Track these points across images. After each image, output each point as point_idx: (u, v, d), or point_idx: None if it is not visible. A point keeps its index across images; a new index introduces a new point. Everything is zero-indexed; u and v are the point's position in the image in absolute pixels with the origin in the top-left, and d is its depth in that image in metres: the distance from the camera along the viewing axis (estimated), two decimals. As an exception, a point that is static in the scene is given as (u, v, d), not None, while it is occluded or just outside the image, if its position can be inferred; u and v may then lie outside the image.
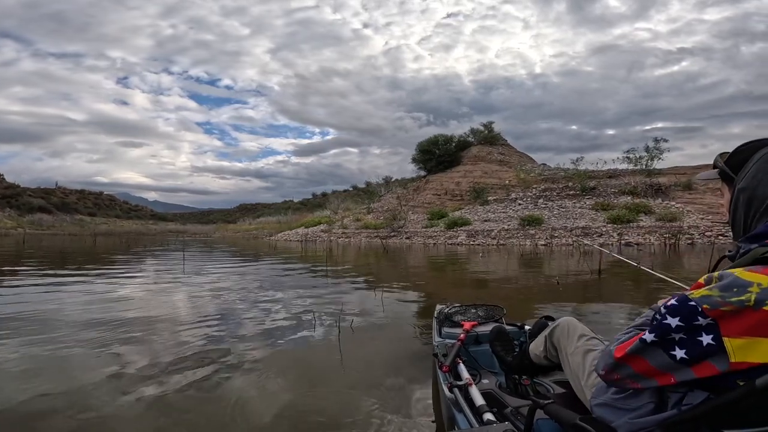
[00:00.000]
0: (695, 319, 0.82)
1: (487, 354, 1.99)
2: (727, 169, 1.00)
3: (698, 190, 22.62)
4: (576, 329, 1.43)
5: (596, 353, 1.27)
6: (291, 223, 39.12)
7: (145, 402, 2.17)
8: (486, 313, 2.40)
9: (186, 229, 65.77)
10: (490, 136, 35.67)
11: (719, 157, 1.04)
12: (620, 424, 0.98)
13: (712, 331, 0.81)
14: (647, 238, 17.62)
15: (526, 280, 7.65)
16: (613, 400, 1.04)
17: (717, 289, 0.82)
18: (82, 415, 2.01)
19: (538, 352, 1.58)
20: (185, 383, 2.42)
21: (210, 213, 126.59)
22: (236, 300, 5.34)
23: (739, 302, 0.79)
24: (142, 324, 3.85)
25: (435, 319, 2.48)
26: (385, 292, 5.77)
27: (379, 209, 32.63)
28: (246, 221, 58.56)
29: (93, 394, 2.24)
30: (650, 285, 6.05)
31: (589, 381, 1.22)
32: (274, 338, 3.47)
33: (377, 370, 2.73)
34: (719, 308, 0.80)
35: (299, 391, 2.37)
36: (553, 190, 26.16)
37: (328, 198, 50.83)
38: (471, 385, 1.50)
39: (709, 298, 0.82)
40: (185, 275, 8.10)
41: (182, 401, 2.20)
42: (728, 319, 0.80)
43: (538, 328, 1.78)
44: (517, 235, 20.22)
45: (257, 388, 2.41)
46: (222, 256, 14.84)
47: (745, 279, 0.81)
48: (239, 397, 2.25)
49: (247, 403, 2.19)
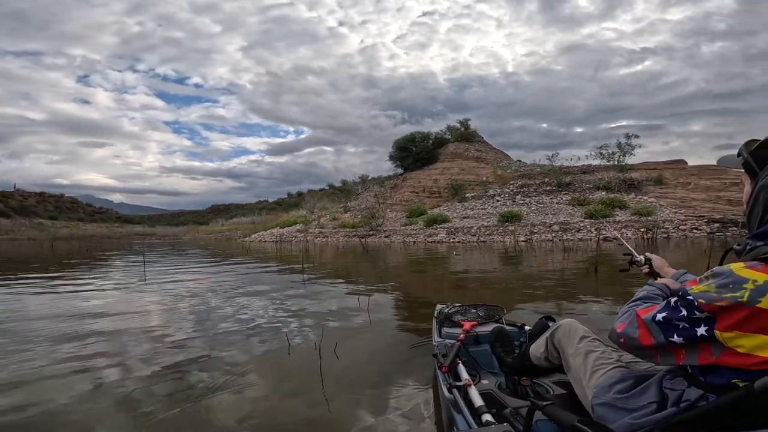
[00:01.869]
0: (693, 312, 0.87)
1: (487, 354, 1.98)
2: (752, 161, 0.96)
3: (669, 184, 23.18)
4: (577, 331, 1.44)
5: (598, 354, 1.30)
6: (265, 224, 38.02)
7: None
8: (486, 313, 2.37)
9: (154, 231, 63.13)
10: (466, 133, 35.66)
11: (744, 147, 0.98)
12: (620, 425, 1.00)
13: (708, 324, 0.86)
14: (624, 233, 17.78)
15: (525, 279, 7.27)
16: (615, 399, 1.07)
17: (714, 285, 0.86)
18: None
19: (539, 354, 1.59)
20: (152, 393, 2.32)
21: (180, 214, 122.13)
22: (202, 306, 4.91)
23: (732, 298, 0.82)
24: (79, 339, 3.48)
25: (435, 318, 2.46)
26: (367, 294, 5.45)
27: (356, 208, 32.05)
28: (218, 222, 56.76)
29: (59, 411, 2.12)
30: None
31: (591, 382, 1.23)
32: (247, 346, 3.23)
33: (364, 371, 2.64)
34: (714, 303, 0.84)
35: (283, 395, 2.29)
36: (530, 186, 26.28)
37: (304, 197, 49.68)
38: (470, 386, 1.49)
39: (705, 294, 0.86)
40: (144, 282, 7.32)
41: (153, 410, 2.09)
42: (723, 314, 0.83)
43: (538, 329, 1.83)
44: (497, 232, 20.07)
45: (236, 397, 2.27)
46: (190, 259, 14.01)
47: (742, 276, 0.83)
48: (213, 407, 2.13)
49: (225, 413, 2.07)
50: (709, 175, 22.74)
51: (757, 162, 0.95)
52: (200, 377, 2.57)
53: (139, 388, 2.39)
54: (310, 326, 3.85)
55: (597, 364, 1.27)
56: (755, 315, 0.80)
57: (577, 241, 16.67)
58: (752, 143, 0.97)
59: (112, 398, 2.27)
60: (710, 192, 20.99)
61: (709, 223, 17.69)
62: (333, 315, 4.37)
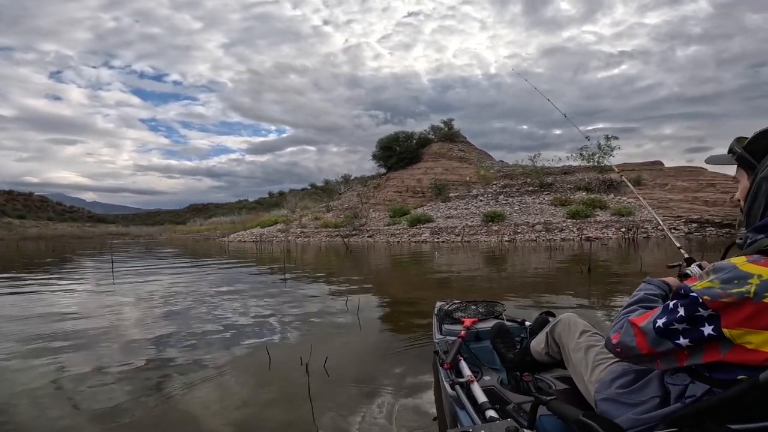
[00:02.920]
0: (696, 310, 0.84)
1: (488, 351, 1.99)
2: (747, 155, 0.96)
3: (647, 185, 23.63)
4: (577, 325, 1.43)
5: (598, 348, 1.29)
6: (245, 223, 37.15)
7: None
8: (486, 309, 2.36)
9: (128, 231, 61.02)
10: (450, 133, 35.65)
11: (737, 142, 0.99)
12: (624, 420, 0.99)
13: (713, 322, 0.82)
14: (605, 233, 17.98)
15: (520, 280, 7.08)
16: (617, 394, 1.06)
17: (718, 281, 0.83)
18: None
19: (539, 349, 1.59)
20: (107, 397, 2.23)
21: (157, 214, 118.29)
22: (170, 308, 4.59)
23: (739, 294, 0.79)
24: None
25: (435, 316, 2.45)
26: (353, 294, 5.32)
27: (338, 207, 31.62)
28: (197, 222, 55.22)
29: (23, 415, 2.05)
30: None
31: (592, 376, 1.23)
32: (218, 351, 3.04)
33: (359, 372, 2.56)
34: (720, 300, 0.81)
35: (268, 399, 2.21)
36: (513, 186, 26.42)
37: (285, 197, 48.82)
38: (473, 382, 1.48)
39: (710, 290, 0.83)
40: (112, 283, 6.80)
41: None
42: (729, 310, 0.81)
43: (539, 324, 1.83)
44: (481, 232, 20.03)
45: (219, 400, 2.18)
46: (164, 259, 13.40)
47: (746, 270, 0.81)
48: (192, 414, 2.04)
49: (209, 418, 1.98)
50: (686, 177, 23.31)
51: (753, 155, 0.95)
52: (162, 384, 2.41)
53: (92, 391, 2.31)
54: (294, 328, 3.68)
55: (598, 359, 1.27)
56: (763, 310, 0.78)
57: (560, 241, 16.75)
58: (743, 139, 0.98)
59: (75, 402, 2.20)
60: (687, 193, 21.49)
61: (687, 223, 18.07)
62: (318, 317, 4.15)
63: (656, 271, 6.58)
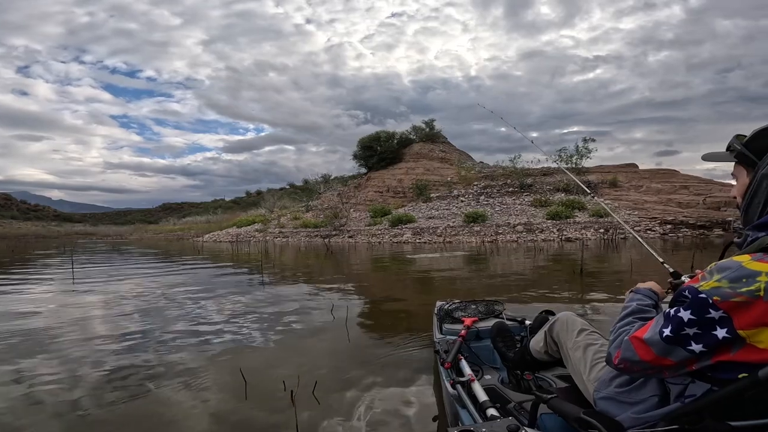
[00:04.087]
0: (707, 311, 0.81)
1: (488, 350, 1.99)
2: (748, 152, 0.95)
3: (623, 187, 24.14)
4: (575, 324, 1.43)
5: (597, 347, 1.29)
6: (221, 223, 36.10)
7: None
8: (486, 308, 2.37)
9: (96, 230, 58.43)
10: (431, 134, 35.64)
11: (736, 139, 0.98)
12: (624, 418, 0.98)
13: (725, 325, 0.80)
14: (584, 234, 18.18)
15: (513, 282, 6.86)
16: (616, 393, 1.05)
17: (726, 280, 0.81)
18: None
19: (538, 348, 1.59)
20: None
21: (127, 213, 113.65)
22: (131, 312, 4.29)
23: (749, 293, 0.78)
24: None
25: (435, 315, 2.46)
26: (337, 296, 5.14)
27: (318, 207, 31.07)
28: (170, 221, 53.44)
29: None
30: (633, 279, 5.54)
31: (591, 375, 1.22)
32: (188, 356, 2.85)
33: (353, 373, 2.49)
34: (730, 300, 0.79)
35: (255, 401, 2.12)
36: (494, 187, 26.55)
37: (264, 196, 47.67)
38: (473, 381, 1.47)
39: (718, 290, 0.81)
40: (72, 285, 6.21)
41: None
42: (740, 310, 0.79)
43: (538, 323, 1.82)
44: (462, 232, 19.95)
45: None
46: (132, 260, 12.68)
47: (752, 269, 0.80)
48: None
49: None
50: (660, 179, 23.93)
51: (754, 152, 0.94)
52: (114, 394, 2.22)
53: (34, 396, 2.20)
54: (276, 333, 3.51)
55: (596, 357, 1.26)
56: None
57: (541, 242, 16.80)
58: (742, 137, 0.97)
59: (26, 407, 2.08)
60: (661, 195, 22.04)
61: (662, 224, 18.47)
62: (300, 322, 3.90)
63: (647, 270, 6.51)
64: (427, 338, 3.07)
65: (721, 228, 16.86)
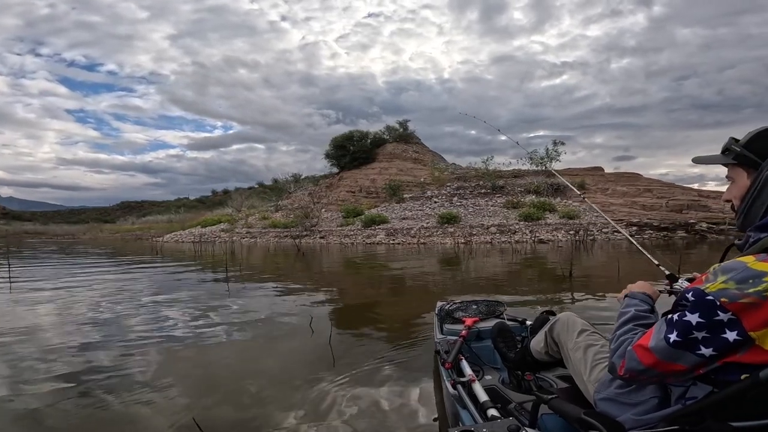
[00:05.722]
0: (715, 314, 0.80)
1: (489, 350, 2.00)
2: (749, 153, 0.94)
3: (590, 190, 24.75)
4: (576, 324, 1.43)
5: (597, 348, 1.29)
6: (184, 223, 34.34)
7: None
8: (487, 308, 2.36)
9: (47, 229, 54.35)
10: (405, 134, 35.42)
11: (733, 141, 0.98)
12: (624, 419, 0.98)
13: (735, 327, 0.79)
14: (555, 235, 18.38)
15: (507, 285, 6.53)
16: (617, 394, 1.05)
17: (733, 282, 0.80)
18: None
19: (539, 348, 1.59)
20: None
21: (81, 211, 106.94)
22: (73, 319, 3.93)
23: (757, 293, 0.77)
24: None
25: (436, 315, 2.46)
26: (311, 299, 4.93)
27: (288, 207, 30.10)
28: (128, 221, 50.56)
29: None
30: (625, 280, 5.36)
31: (591, 376, 1.21)
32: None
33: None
34: (738, 301, 0.78)
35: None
36: (466, 189, 26.60)
37: (231, 195, 45.90)
38: (474, 382, 1.49)
39: (726, 292, 0.80)
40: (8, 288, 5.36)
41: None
42: (749, 312, 0.78)
43: (539, 323, 1.81)
44: (436, 233, 19.73)
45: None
46: (82, 262, 11.59)
47: (758, 269, 0.79)
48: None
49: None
50: (624, 182, 24.71)
51: (756, 153, 0.92)
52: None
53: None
54: (249, 335, 3.34)
55: (597, 358, 1.25)
56: None
57: (514, 243, 16.81)
58: (737, 139, 0.97)
59: None
60: (626, 197, 22.72)
61: (628, 226, 18.97)
62: (272, 326, 3.65)
63: (634, 270, 6.38)
64: (416, 339, 3.04)
65: (683, 230, 17.47)
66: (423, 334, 3.20)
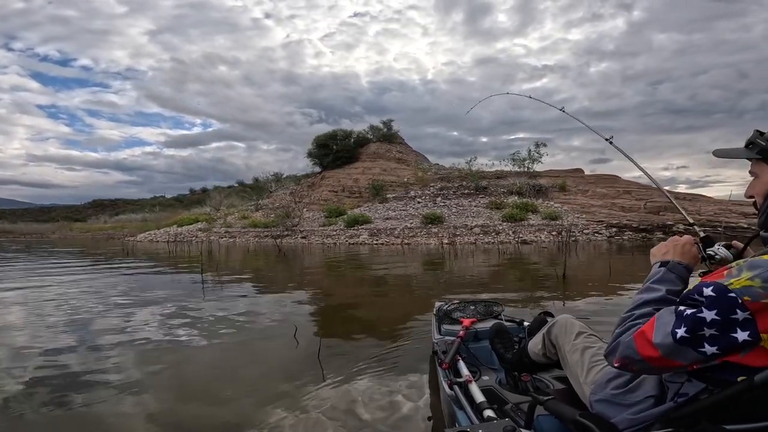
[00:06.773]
0: (733, 312, 0.75)
1: (486, 351, 1.99)
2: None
3: (571, 191, 25.09)
4: (573, 327, 1.42)
5: (594, 350, 1.29)
6: (160, 222, 33.23)
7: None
8: (485, 309, 2.37)
9: (14, 228, 51.80)
10: (388, 134, 35.21)
11: (758, 134, 0.91)
12: (620, 420, 0.98)
13: (748, 327, 0.75)
14: (538, 236, 18.48)
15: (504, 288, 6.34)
16: (613, 395, 1.04)
17: (759, 279, 0.75)
18: None
19: (536, 350, 1.59)
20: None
21: (51, 209, 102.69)
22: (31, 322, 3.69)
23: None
24: None
25: (434, 316, 2.47)
26: (294, 300, 4.83)
27: (269, 206, 29.49)
28: (100, 219, 48.67)
29: None
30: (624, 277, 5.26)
31: (588, 378, 1.21)
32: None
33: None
34: (760, 301, 0.74)
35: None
36: (450, 189, 26.58)
37: (209, 194, 44.71)
38: (471, 382, 1.49)
39: (750, 290, 0.75)
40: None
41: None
42: (766, 312, 0.74)
43: (537, 324, 1.84)
44: (420, 234, 19.57)
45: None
46: (49, 261, 10.89)
47: None
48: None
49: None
50: (604, 184, 25.14)
51: None
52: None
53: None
54: (232, 339, 3.24)
55: (594, 360, 1.25)
56: None
57: (498, 244, 16.80)
58: (763, 133, 0.92)
59: None
60: (606, 199, 23.09)
61: (608, 227, 19.24)
62: (253, 332, 3.48)
63: (628, 270, 6.31)
64: (405, 340, 3.01)
65: (661, 231, 17.80)
66: (414, 335, 3.10)
